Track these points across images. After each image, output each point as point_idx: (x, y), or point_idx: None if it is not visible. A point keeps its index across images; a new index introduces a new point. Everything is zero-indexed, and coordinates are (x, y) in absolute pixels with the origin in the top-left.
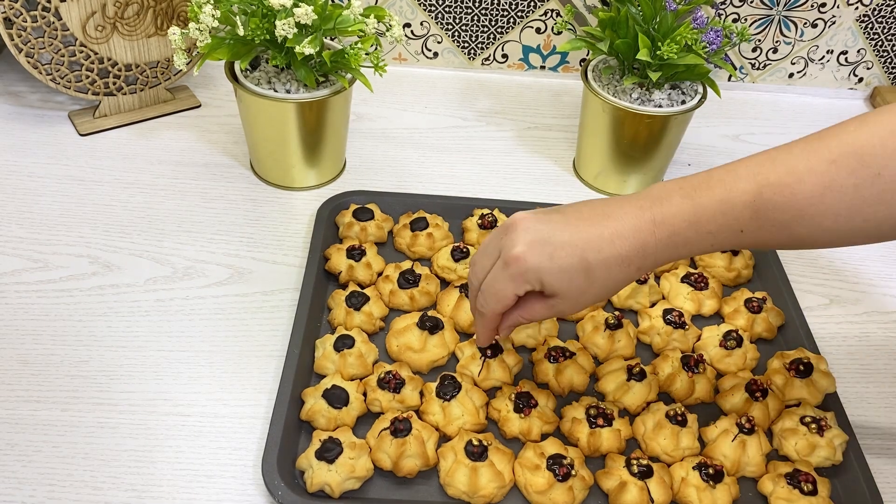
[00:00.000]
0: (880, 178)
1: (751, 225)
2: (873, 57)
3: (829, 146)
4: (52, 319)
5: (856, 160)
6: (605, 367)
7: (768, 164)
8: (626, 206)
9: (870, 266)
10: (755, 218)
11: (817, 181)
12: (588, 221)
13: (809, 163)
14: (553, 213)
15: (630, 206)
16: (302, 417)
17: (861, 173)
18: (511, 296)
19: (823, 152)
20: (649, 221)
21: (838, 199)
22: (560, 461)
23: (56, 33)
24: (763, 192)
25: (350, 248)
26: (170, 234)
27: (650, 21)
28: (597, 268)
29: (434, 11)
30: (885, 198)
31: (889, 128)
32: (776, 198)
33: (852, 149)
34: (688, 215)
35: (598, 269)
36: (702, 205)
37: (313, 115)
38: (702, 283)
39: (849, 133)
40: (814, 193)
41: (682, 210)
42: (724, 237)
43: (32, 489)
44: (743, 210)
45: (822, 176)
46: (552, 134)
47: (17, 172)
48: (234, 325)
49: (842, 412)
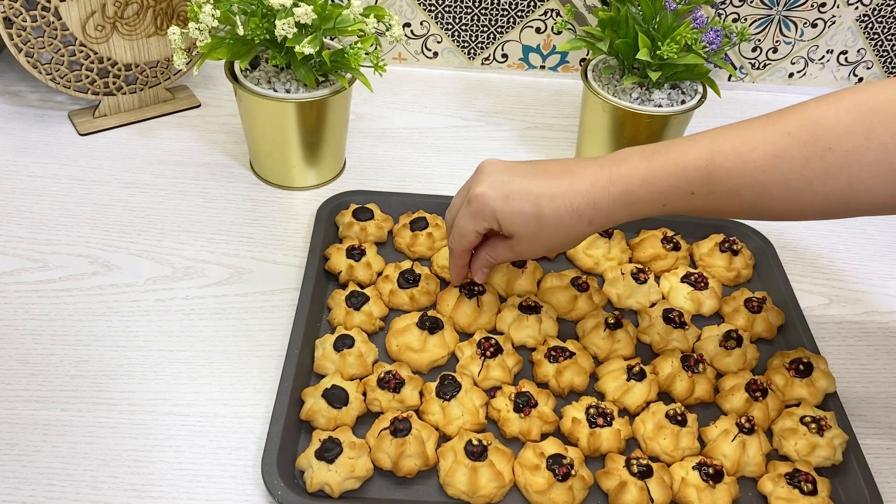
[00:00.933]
0: (831, 152)
1: (702, 188)
2: (873, 57)
3: (786, 119)
4: (51, 319)
5: (809, 133)
6: (604, 367)
7: (726, 134)
8: (589, 165)
9: (870, 266)
10: (706, 182)
11: (769, 150)
12: (550, 174)
13: (765, 133)
14: (522, 163)
15: (592, 165)
16: (302, 417)
17: (813, 146)
18: (472, 231)
19: (780, 125)
20: (606, 179)
21: (789, 169)
22: (560, 461)
23: (56, 33)
24: (716, 157)
25: (350, 248)
26: (170, 234)
27: (650, 21)
28: (548, 215)
29: (434, 11)
30: (834, 171)
31: (845, 105)
32: (727, 163)
33: (807, 122)
34: (642, 174)
35: (549, 216)
36: (656, 165)
37: (313, 115)
38: (702, 282)
39: (807, 108)
40: (765, 162)
41: (637, 169)
42: (675, 197)
43: (32, 489)
44: (695, 173)
45: (775, 146)
46: (552, 134)
47: (17, 172)
48: (234, 325)
49: (842, 412)
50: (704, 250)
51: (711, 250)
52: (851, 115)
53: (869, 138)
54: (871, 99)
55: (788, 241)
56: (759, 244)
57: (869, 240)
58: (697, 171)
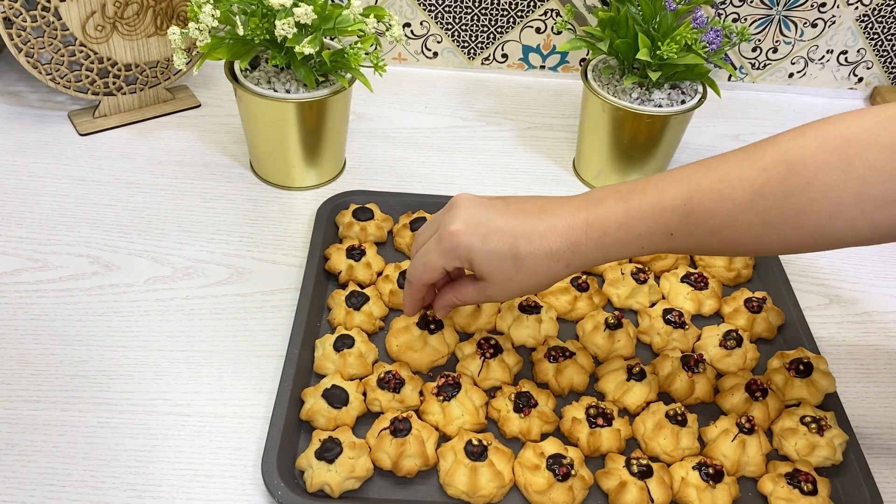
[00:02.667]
0: (810, 186)
1: (680, 229)
2: (873, 57)
3: (762, 155)
4: (51, 319)
5: (786, 168)
6: (604, 367)
7: (702, 171)
8: (565, 206)
9: (870, 266)
10: (685, 222)
11: (748, 187)
12: (527, 214)
13: (742, 170)
14: (497, 200)
15: (569, 206)
16: (302, 417)
17: (791, 181)
18: (439, 268)
19: (756, 161)
20: (583, 221)
21: (768, 206)
22: (560, 461)
23: (56, 33)
24: (693, 196)
25: (350, 248)
26: (170, 234)
27: (650, 21)
28: (526, 257)
29: (434, 11)
30: (814, 206)
31: (821, 139)
32: (706, 202)
33: (784, 157)
34: (620, 217)
35: (526, 259)
36: (634, 207)
37: (313, 115)
38: (702, 282)
39: (783, 143)
40: (744, 199)
41: (615, 212)
42: (654, 240)
43: (32, 489)
44: (672, 214)
45: (753, 182)
46: (552, 134)
47: (17, 172)
48: (234, 325)
49: (842, 412)
50: None
51: None
52: (828, 148)
53: (847, 171)
54: (847, 130)
55: None
56: None
57: None
58: (675, 211)
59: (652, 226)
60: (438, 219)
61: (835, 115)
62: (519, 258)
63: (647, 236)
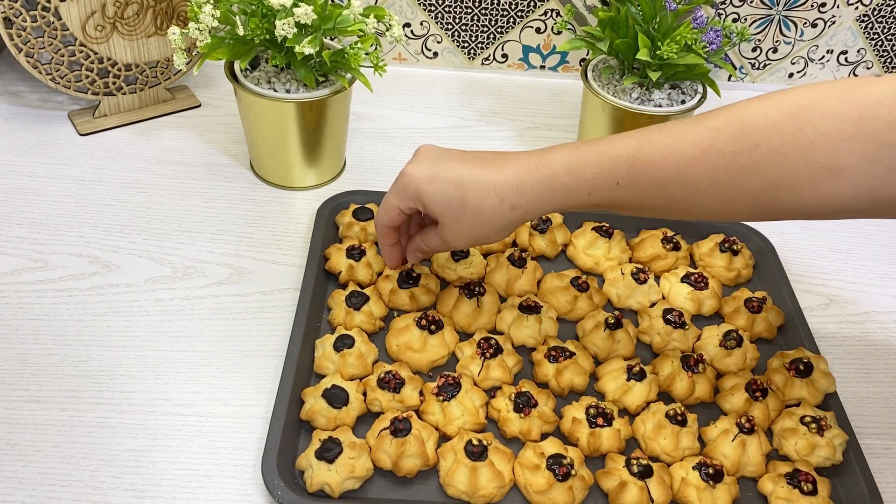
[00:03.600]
0: (758, 148)
1: (627, 179)
2: (873, 57)
3: (716, 116)
4: (51, 319)
5: (737, 129)
6: (604, 367)
7: (656, 129)
8: (520, 155)
9: (870, 266)
10: (631, 172)
11: (696, 143)
12: (482, 162)
13: (693, 128)
14: (459, 151)
15: (523, 155)
16: (302, 417)
17: (740, 142)
18: (395, 208)
19: (709, 121)
20: (532, 165)
21: (715, 163)
22: (560, 461)
23: (56, 33)
24: (643, 147)
25: (350, 248)
26: (170, 234)
27: (650, 21)
28: (471, 198)
29: (434, 11)
30: (761, 168)
31: (774, 104)
32: (653, 154)
33: (737, 118)
34: (568, 161)
35: (471, 199)
36: (584, 154)
37: (313, 115)
38: (702, 282)
39: (739, 106)
40: (691, 155)
41: (565, 157)
42: (600, 188)
43: (32, 489)
44: (620, 162)
45: (702, 139)
46: (552, 134)
47: (17, 172)
48: (234, 325)
49: (842, 412)
50: (704, 250)
51: (711, 250)
52: (780, 112)
53: (797, 136)
54: (802, 98)
55: (788, 241)
56: (759, 244)
57: (869, 240)
58: (623, 160)
59: (598, 172)
60: None
61: (796, 86)
62: (464, 199)
63: (594, 181)
